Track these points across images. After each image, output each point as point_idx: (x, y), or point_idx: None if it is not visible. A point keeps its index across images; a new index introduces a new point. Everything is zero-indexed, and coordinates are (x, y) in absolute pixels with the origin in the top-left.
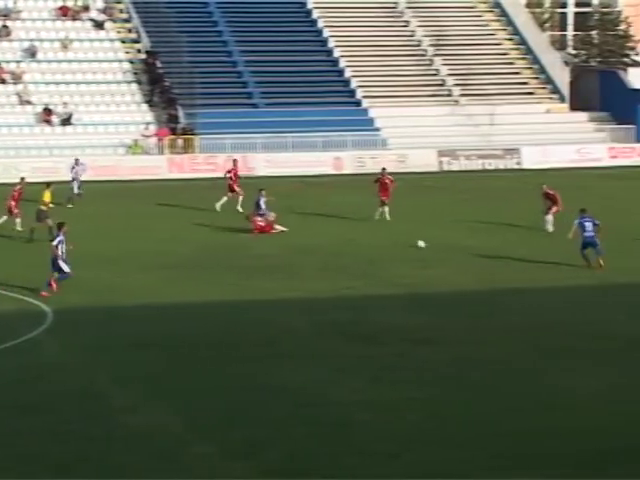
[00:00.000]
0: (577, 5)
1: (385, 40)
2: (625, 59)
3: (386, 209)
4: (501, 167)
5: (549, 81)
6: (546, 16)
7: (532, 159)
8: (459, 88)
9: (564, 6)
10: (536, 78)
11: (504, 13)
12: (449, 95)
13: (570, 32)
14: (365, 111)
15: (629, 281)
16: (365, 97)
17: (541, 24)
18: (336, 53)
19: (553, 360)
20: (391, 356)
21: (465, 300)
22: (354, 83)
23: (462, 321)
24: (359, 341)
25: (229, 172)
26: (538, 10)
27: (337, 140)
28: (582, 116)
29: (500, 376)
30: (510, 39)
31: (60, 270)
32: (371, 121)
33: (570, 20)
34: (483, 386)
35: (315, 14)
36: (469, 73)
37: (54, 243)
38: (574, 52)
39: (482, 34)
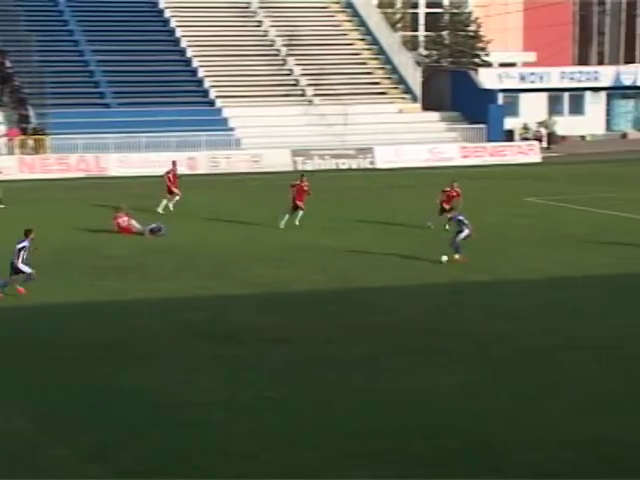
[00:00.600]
0: (428, 6)
1: (238, 40)
2: (476, 59)
3: (300, 214)
4: (354, 167)
5: (401, 81)
6: (398, 17)
7: (385, 159)
8: (312, 88)
9: (415, 7)
10: (388, 78)
11: (356, 14)
12: (302, 95)
13: (422, 33)
14: (219, 111)
15: (483, 279)
16: (218, 97)
17: (393, 25)
18: (189, 53)
19: (408, 358)
20: (246, 356)
21: (321, 299)
22: (207, 83)
23: (318, 320)
24: (214, 341)
25: (168, 173)
26: (390, 11)
27: (191, 140)
28: (434, 116)
29: (355, 374)
30: (362, 39)
31: (21, 272)
32: (225, 121)
33: (421, 21)
34: (338, 385)
35: (167, 13)
36: (322, 73)
37: (18, 247)
38: (426, 52)
39: (335, 34)
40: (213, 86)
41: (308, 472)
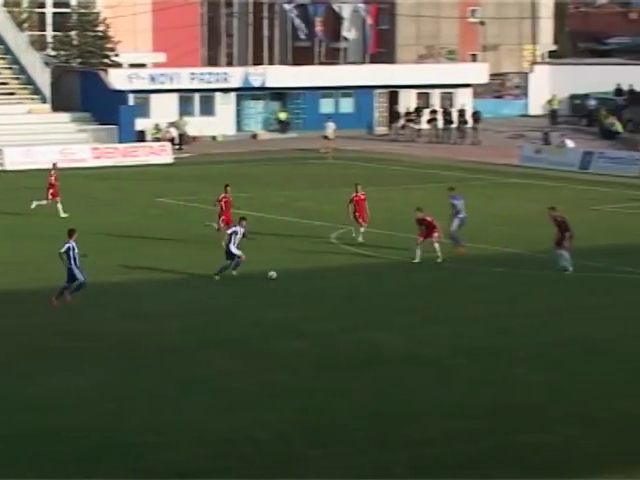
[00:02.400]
0: (56, 5)
1: None
2: (105, 60)
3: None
4: None
5: (30, 82)
6: (24, 16)
7: (15, 160)
8: None
9: (43, 6)
10: (16, 79)
11: None
12: None
13: (50, 32)
14: None
15: (117, 280)
16: None
17: (20, 24)
18: None
19: (43, 362)
20: None
21: None
22: None
23: None
24: None
25: (50, 176)
26: (16, 10)
27: None
28: (64, 117)
29: None
30: None
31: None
32: None
33: (49, 20)
34: None
35: None
36: None
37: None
38: (54, 53)
39: None
40: None
41: None
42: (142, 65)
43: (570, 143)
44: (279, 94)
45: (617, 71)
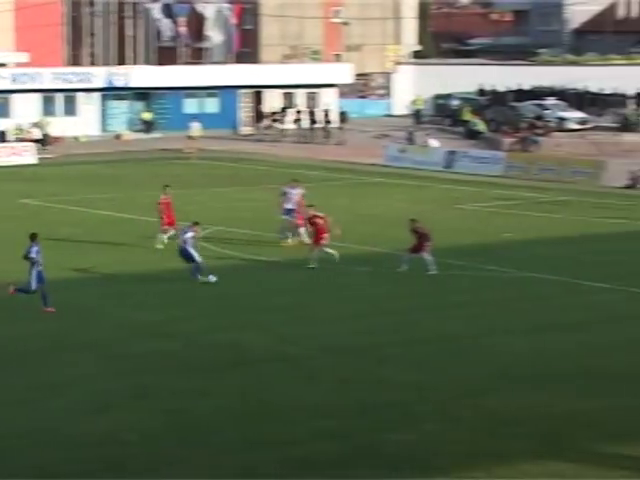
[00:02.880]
0: None
1: None
2: None
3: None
4: None
5: None
6: None
7: None
8: None
9: None
10: None
11: None
12: None
13: None
14: None
15: None
16: None
17: None
18: None
19: None
20: None
21: None
22: None
23: None
24: None
25: None
26: None
27: None
28: None
29: None
30: None
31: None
32: None
33: None
34: None
35: None
36: None
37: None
38: None
39: None
40: None
41: None
42: (3, 65)
43: (434, 143)
44: (143, 94)
45: (480, 71)
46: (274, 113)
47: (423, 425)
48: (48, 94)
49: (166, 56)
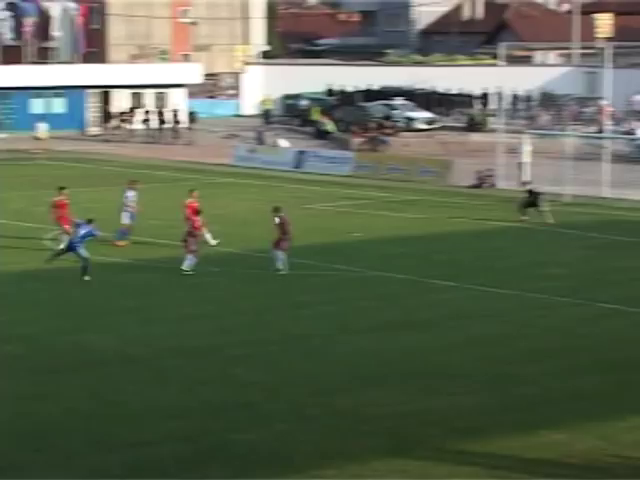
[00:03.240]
0: None
1: None
2: None
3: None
4: None
5: None
6: None
7: None
8: None
9: None
10: None
11: None
12: None
13: None
14: None
15: None
16: None
17: None
18: None
19: None
20: None
21: None
22: None
23: None
24: None
25: None
26: None
27: None
28: None
29: None
30: None
31: None
32: None
33: None
34: None
35: None
36: None
37: None
38: None
39: None
40: None
41: None
42: None
43: (284, 143)
44: None
45: (328, 71)
46: (122, 113)
47: (274, 425)
48: None
49: (11, 55)
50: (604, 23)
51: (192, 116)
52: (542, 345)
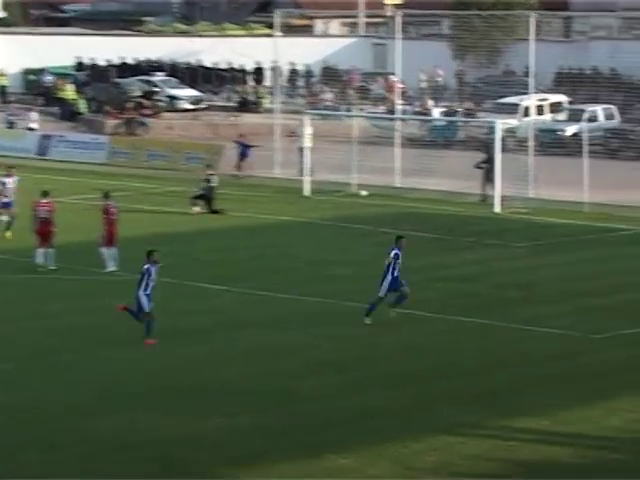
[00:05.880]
0: None
1: None
2: None
3: None
4: None
5: None
6: None
7: None
8: None
9: None
10: None
11: None
12: None
13: None
14: None
15: None
16: None
17: None
18: None
19: None
20: None
21: None
22: None
23: None
24: None
25: None
26: None
27: None
28: None
29: None
30: None
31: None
32: None
33: None
34: None
35: None
36: None
37: None
38: None
39: None
40: None
41: None
42: None
43: (30, 124)
44: None
45: (77, 42)
46: None
47: (17, 456)
48: None
49: None
50: None
51: None
52: (328, 357)
